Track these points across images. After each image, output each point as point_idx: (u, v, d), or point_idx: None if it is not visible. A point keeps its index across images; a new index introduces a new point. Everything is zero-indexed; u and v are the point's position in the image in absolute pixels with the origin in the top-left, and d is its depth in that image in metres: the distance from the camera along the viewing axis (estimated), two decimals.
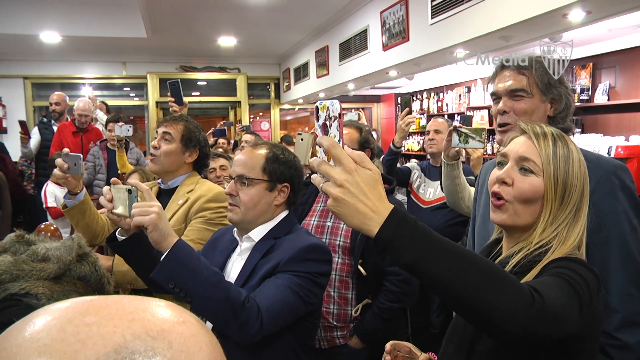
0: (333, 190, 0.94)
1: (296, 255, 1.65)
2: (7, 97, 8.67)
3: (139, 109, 9.83)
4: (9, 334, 0.43)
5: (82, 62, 9.04)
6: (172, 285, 1.43)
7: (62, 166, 2.02)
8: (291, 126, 12.60)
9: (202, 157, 2.45)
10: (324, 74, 7.81)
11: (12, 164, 5.88)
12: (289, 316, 1.59)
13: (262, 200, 1.77)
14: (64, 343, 0.40)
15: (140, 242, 1.62)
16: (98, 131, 5.92)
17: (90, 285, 1.69)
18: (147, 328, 0.43)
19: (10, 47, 8.07)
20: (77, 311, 0.44)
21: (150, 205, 1.47)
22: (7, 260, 1.54)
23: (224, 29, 7.72)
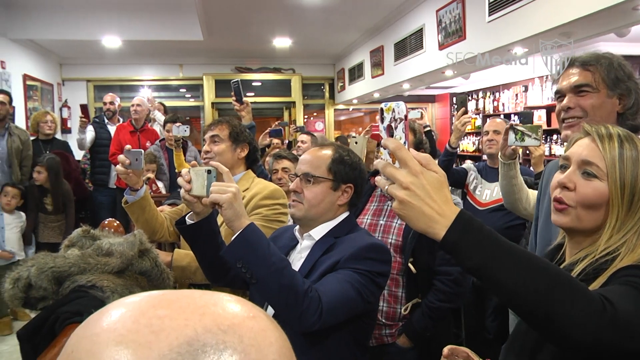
0: (399, 192, 0.93)
1: (357, 253, 1.66)
2: (71, 99, 9.10)
3: (195, 110, 10.07)
4: (87, 324, 0.45)
5: (141, 65, 9.36)
6: (240, 264, 1.47)
7: (124, 162, 2.08)
8: (345, 126, 12.61)
9: (252, 150, 2.52)
10: (379, 74, 7.77)
11: (75, 162, 6.11)
12: (347, 310, 1.60)
13: (326, 198, 1.79)
14: (138, 334, 0.42)
15: (208, 228, 1.68)
16: (154, 131, 6.09)
17: (151, 280, 1.74)
18: (218, 322, 0.44)
19: (74, 52, 8.52)
20: (150, 304, 0.45)
21: (228, 186, 1.53)
22: (75, 253, 1.61)
23: (279, 30, 7.81)
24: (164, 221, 2.42)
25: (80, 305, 1.51)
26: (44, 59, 8.39)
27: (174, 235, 2.50)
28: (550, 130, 6.89)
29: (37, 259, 1.60)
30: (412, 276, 2.41)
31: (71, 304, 1.53)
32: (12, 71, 7.02)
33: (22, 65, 7.48)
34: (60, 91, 9.07)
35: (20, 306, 1.64)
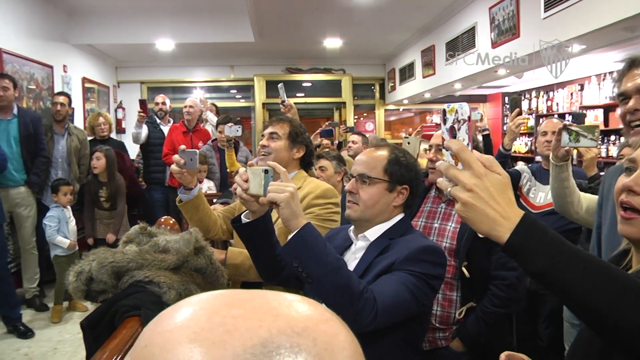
0: (462, 194, 0.92)
1: (412, 255, 1.65)
2: (126, 100, 9.42)
3: (245, 110, 10.19)
4: (160, 320, 0.46)
5: (193, 67, 9.57)
6: (297, 264, 1.48)
7: (179, 162, 2.12)
8: (395, 127, 12.52)
9: (308, 153, 2.52)
10: (430, 74, 7.69)
11: (130, 161, 6.29)
12: (401, 312, 1.59)
13: (381, 200, 1.79)
14: (212, 332, 0.42)
15: (264, 227, 1.70)
16: (207, 132, 6.21)
17: (206, 277, 1.78)
18: (292, 324, 0.44)
19: (129, 55, 8.82)
20: (223, 303, 0.46)
21: (286, 185, 1.54)
22: (133, 250, 1.67)
23: (330, 30, 7.83)
24: (217, 219, 2.46)
25: (138, 300, 1.56)
26: (101, 62, 8.71)
27: (227, 233, 2.54)
28: (608, 130, 6.66)
29: (98, 253, 1.66)
30: (467, 280, 2.37)
31: (129, 298, 1.58)
32: (73, 74, 7.34)
33: (81, 68, 7.79)
34: (115, 93, 9.38)
35: (82, 298, 1.70)
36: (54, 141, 5.37)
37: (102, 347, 1.38)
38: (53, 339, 4.27)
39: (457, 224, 2.40)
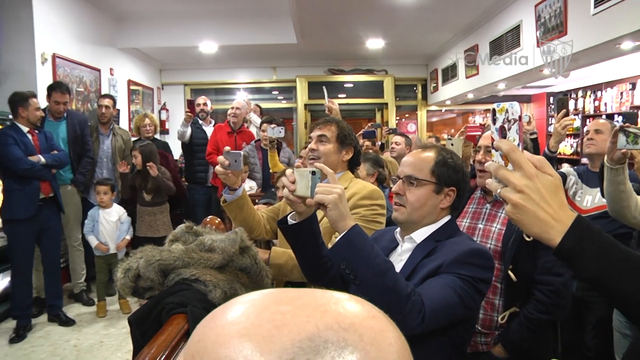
0: (512, 196, 0.91)
1: (459, 258, 1.62)
2: (170, 102, 9.62)
3: (287, 112, 10.23)
4: (213, 317, 0.48)
5: (236, 69, 9.66)
6: (344, 265, 1.48)
7: (224, 163, 2.14)
8: (437, 128, 12.42)
9: (356, 154, 2.51)
10: (473, 74, 7.58)
11: (174, 161, 6.42)
12: (448, 316, 1.57)
13: (429, 202, 1.77)
14: (262, 328, 0.43)
15: (310, 228, 1.70)
16: (250, 133, 6.28)
17: (250, 277, 1.80)
18: (339, 320, 0.44)
19: (174, 58, 8.99)
20: (272, 300, 0.47)
21: (334, 187, 1.54)
22: (180, 248, 1.69)
23: (372, 31, 7.80)
24: (261, 219, 2.48)
25: (184, 297, 1.58)
26: (146, 65, 8.91)
27: (270, 233, 2.55)
28: None
29: (145, 251, 1.70)
30: (511, 284, 2.31)
31: (176, 295, 1.60)
32: (119, 77, 7.55)
33: (127, 71, 8.01)
34: (159, 95, 9.57)
35: (130, 294, 1.74)
36: (100, 141, 5.56)
37: (150, 343, 1.41)
38: (99, 332, 4.44)
39: (502, 226, 2.35)
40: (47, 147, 4.49)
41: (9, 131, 4.30)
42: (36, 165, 4.27)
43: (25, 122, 4.38)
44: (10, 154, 4.19)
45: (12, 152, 4.19)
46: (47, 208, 4.47)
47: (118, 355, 3.97)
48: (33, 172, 4.27)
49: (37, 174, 4.32)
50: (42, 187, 4.38)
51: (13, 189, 4.29)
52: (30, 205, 4.30)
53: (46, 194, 4.42)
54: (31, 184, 4.30)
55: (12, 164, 4.21)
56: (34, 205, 4.32)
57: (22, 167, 4.21)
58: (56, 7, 5.78)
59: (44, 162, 4.33)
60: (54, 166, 4.49)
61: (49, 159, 4.39)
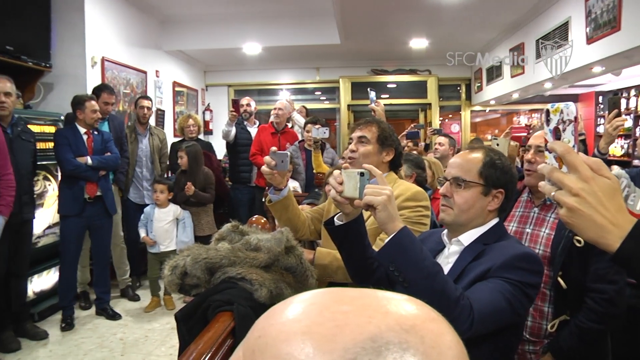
0: (567, 199, 0.88)
1: (508, 262, 1.59)
2: (214, 102, 9.77)
3: (330, 112, 10.23)
4: (273, 313, 0.48)
5: (279, 70, 9.71)
6: (393, 267, 1.47)
7: (270, 163, 2.15)
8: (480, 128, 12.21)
9: (397, 155, 2.48)
10: (518, 73, 7.42)
11: (217, 161, 6.52)
12: (497, 321, 1.54)
13: (476, 204, 1.74)
14: (323, 327, 0.43)
15: (357, 229, 1.69)
16: (294, 133, 6.31)
17: (295, 276, 1.80)
18: (400, 321, 0.44)
19: (218, 60, 9.11)
20: (333, 299, 0.47)
21: (382, 188, 1.53)
22: (226, 247, 1.71)
23: (416, 30, 7.74)
24: (305, 220, 2.49)
25: (230, 295, 1.60)
26: (191, 67, 9.07)
27: (315, 233, 2.56)
28: None
29: (192, 249, 1.72)
30: (561, 291, 2.23)
31: (222, 293, 1.62)
32: (164, 79, 7.74)
33: (172, 73, 8.19)
34: (203, 96, 9.73)
35: (176, 291, 1.77)
36: (138, 141, 5.71)
37: (197, 339, 1.43)
38: (144, 327, 4.57)
39: (551, 230, 2.27)
40: (102, 148, 4.65)
41: (65, 132, 4.50)
42: (81, 166, 4.42)
43: (83, 124, 4.56)
44: (60, 154, 4.40)
45: (61, 153, 4.40)
46: (95, 207, 4.61)
47: (162, 350, 4.06)
48: (78, 173, 4.44)
49: (83, 175, 4.47)
50: (87, 188, 4.53)
51: (63, 187, 4.54)
52: (74, 203, 4.48)
53: (90, 195, 4.56)
54: (77, 184, 4.48)
55: (61, 164, 4.45)
56: (78, 204, 4.48)
57: (68, 167, 4.41)
58: (106, 12, 5.97)
59: (90, 163, 4.47)
60: (101, 168, 4.61)
61: (96, 161, 4.52)
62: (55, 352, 4.02)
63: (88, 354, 3.98)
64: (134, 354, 3.99)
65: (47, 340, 4.22)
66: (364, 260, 1.74)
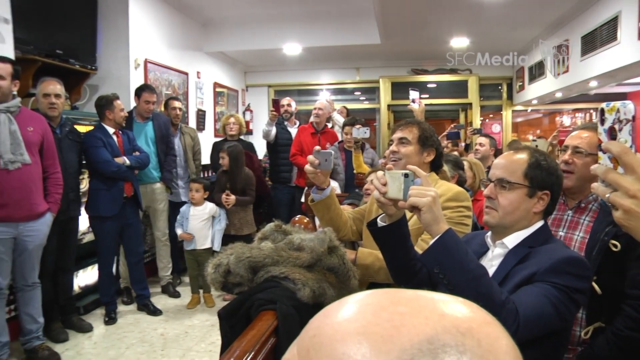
0: (624, 201, 0.85)
1: (555, 266, 1.54)
2: (254, 103, 9.86)
3: (370, 112, 10.18)
4: (328, 313, 0.48)
5: (319, 70, 9.71)
6: (437, 270, 1.46)
7: (313, 162, 2.15)
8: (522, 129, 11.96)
9: (438, 156, 2.45)
10: (562, 72, 7.24)
11: (258, 161, 6.56)
12: (543, 326, 1.50)
13: (521, 206, 1.70)
14: (379, 327, 0.43)
15: (400, 231, 1.68)
16: (334, 133, 6.31)
17: (338, 277, 1.80)
18: (456, 324, 0.44)
19: (258, 60, 9.19)
20: (389, 300, 0.47)
21: (427, 189, 1.53)
22: (269, 246, 1.72)
23: (457, 29, 7.64)
24: (347, 220, 2.48)
25: (273, 294, 1.61)
26: (231, 68, 9.17)
27: (356, 234, 2.55)
28: None
29: (235, 248, 1.74)
30: (595, 297, 2.15)
31: (265, 292, 1.63)
32: (205, 80, 7.86)
33: (213, 74, 8.30)
34: (244, 96, 9.83)
35: (219, 289, 1.79)
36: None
37: (240, 337, 1.44)
38: (184, 323, 4.65)
39: (585, 234, 2.19)
40: (130, 147, 4.73)
41: (97, 133, 4.55)
42: (122, 167, 4.51)
43: (112, 124, 4.63)
44: (99, 156, 4.44)
45: (101, 155, 4.44)
46: (129, 206, 4.72)
47: (202, 346, 4.12)
48: (119, 174, 4.52)
49: (122, 175, 4.56)
50: (125, 188, 4.63)
51: (100, 188, 4.54)
52: (114, 204, 4.55)
53: (128, 194, 4.67)
54: (116, 185, 4.56)
55: (101, 166, 4.45)
56: (118, 205, 4.57)
57: (110, 169, 4.46)
58: (149, 16, 6.12)
59: (128, 163, 4.57)
60: (137, 167, 4.72)
61: (133, 161, 4.62)
62: (99, 345, 4.15)
63: (130, 348, 4.08)
64: (174, 349, 4.06)
65: (92, 332, 4.37)
66: (406, 261, 1.72)
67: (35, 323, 3.79)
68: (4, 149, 3.42)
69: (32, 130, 3.63)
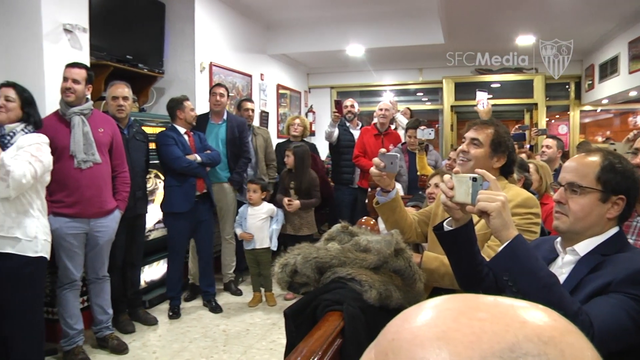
0: None
1: (632, 276, 1.45)
2: (316, 104, 9.93)
3: (433, 113, 10.04)
4: (406, 317, 0.47)
5: (381, 71, 9.63)
6: (507, 277, 1.43)
7: (379, 165, 2.14)
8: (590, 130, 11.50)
9: (509, 163, 2.35)
10: (638, 69, 6.91)
11: (321, 162, 6.60)
12: (619, 341, 1.41)
13: (594, 211, 1.61)
14: (459, 333, 0.42)
15: (467, 235, 1.65)
16: (397, 135, 6.27)
17: (404, 279, 1.79)
18: (538, 332, 0.43)
19: (321, 62, 9.27)
20: (468, 306, 0.46)
21: (497, 194, 1.49)
22: (336, 247, 1.73)
23: (523, 26, 7.43)
24: (412, 222, 2.45)
25: (340, 295, 1.61)
26: (294, 70, 9.27)
27: (421, 236, 2.52)
28: None
29: (303, 248, 1.76)
30: None
31: (332, 292, 1.64)
32: (268, 82, 7.98)
33: (276, 76, 8.42)
34: (306, 98, 9.91)
35: (286, 289, 1.81)
36: None
37: (307, 337, 1.45)
38: (246, 321, 4.73)
39: None
40: (201, 147, 4.87)
41: (170, 132, 4.75)
42: (193, 163, 4.64)
43: (183, 123, 4.79)
44: (171, 153, 4.63)
45: (172, 152, 4.63)
46: (202, 203, 4.84)
47: (262, 344, 4.17)
48: (190, 170, 4.65)
49: (194, 172, 4.69)
50: (197, 184, 4.75)
51: (172, 185, 4.74)
52: (187, 200, 4.70)
53: (200, 191, 4.79)
54: (188, 182, 4.70)
55: (173, 162, 4.64)
56: (190, 201, 4.71)
57: (181, 165, 4.61)
58: (214, 20, 6.29)
59: (199, 160, 4.69)
60: (208, 164, 4.84)
61: (204, 158, 4.75)
62: (164, 338, 4.29)
63: (193, 342, 4.19)
64: (235, 346, 4.14)
65: (157, 326, 4.53)
66: (473, 267, 1.68)
67: (105, 314, 4.00)
68: (77, 149, 3.62)
69: (102, 131, 3.82)
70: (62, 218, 3.61)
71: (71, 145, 3.60)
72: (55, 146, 3.30)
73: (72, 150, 3.60)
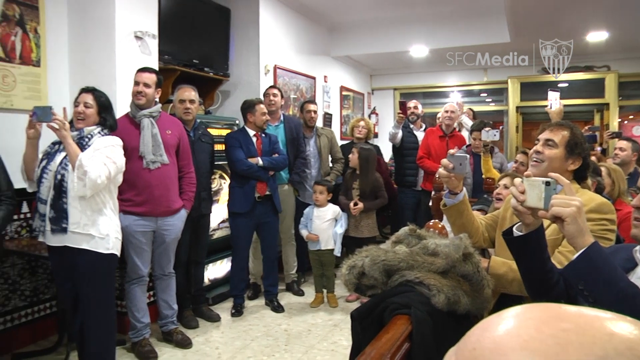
0: None
1: None
2: (379, 106, 9.89)
3: (497, 114, 9.79)
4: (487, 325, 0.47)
5: (445, 71, 9.47)
6: (582, 286, 1.37)
7: (447, 166, 2.11)
8: None
9: (584, 167, 2.27)
10: None
11: (385, 164, 6.57)
12: None
13: None
14: (543, 343, 0.41)
15: (537, 241, 1.59)
16: (462, 137, 6.16)
17: (472, 285, 1.76)
18: (630, 345, 0.41)
19: (384, 63, 9.24)
20: (550, 315, 0.45)
21: (571, 199, 1.43)
22: (404, 250, 1.72)
23: (594, 22, 7.13)
24: (479, 226, 2.40)
25: (408, 299, 1.60)
26: (357, 71, 9.27)
27: (488, 241, 2.46)
28: None
29: (370, 251, 1.75)
30: None
31: (399, 296, 1.63)
32: (332, 84, 8.02)
33: (339, 78, 8.45)
34: (369, 99, 9.89)
35: (352, 290, 1.81)
36: (305, 143, 5.88)
37: (375, 339, 1.45)
38: (307, 321, 4.77)
39: None
40: (270, 150, 4.91)
41: (237, 135, 4.85)
42: (253, 167, 4.71)
43: (253, 126, 4.87)
44: (233, 155, 4.73)
45: (234, 154, 4.73)
46: (264, 205, 4.89)
47: (324, 345, 4.20)
48: (250, 173, 4.73)
49: (254, 175, 4.76)
50: (258, 187, 4.81)
51: (235, 186, 4.86)
52: (246, 201, 4.79)
53: (261, 193, 4.84)
54: (249, 183, 4.78)
55: (234, 164, 4.75)
56: (249, 202, 4.78)
57: (241, 167, 4.71)
58: (279, 23, 6.38)
59: (261, 164, 4.76)
60: (271, 168, 4.88)
61: (266, 162, 4.80)
62: (226, 335, 4.39)
63: (255, 340, 4.26)
64: (297, 346, 4.18)
65: (220, 323, 4.65)
66: (543, 273, 1.62)
67: (170, 309, 4.15)
68: (146, 150, 3.76)
69: (170, 133, 3.95)
70: (131, 216, 3.76)
71: (140, 147, 3.75)
72: (125, 147, 3.43)
73: (142, 151, 3.75)
